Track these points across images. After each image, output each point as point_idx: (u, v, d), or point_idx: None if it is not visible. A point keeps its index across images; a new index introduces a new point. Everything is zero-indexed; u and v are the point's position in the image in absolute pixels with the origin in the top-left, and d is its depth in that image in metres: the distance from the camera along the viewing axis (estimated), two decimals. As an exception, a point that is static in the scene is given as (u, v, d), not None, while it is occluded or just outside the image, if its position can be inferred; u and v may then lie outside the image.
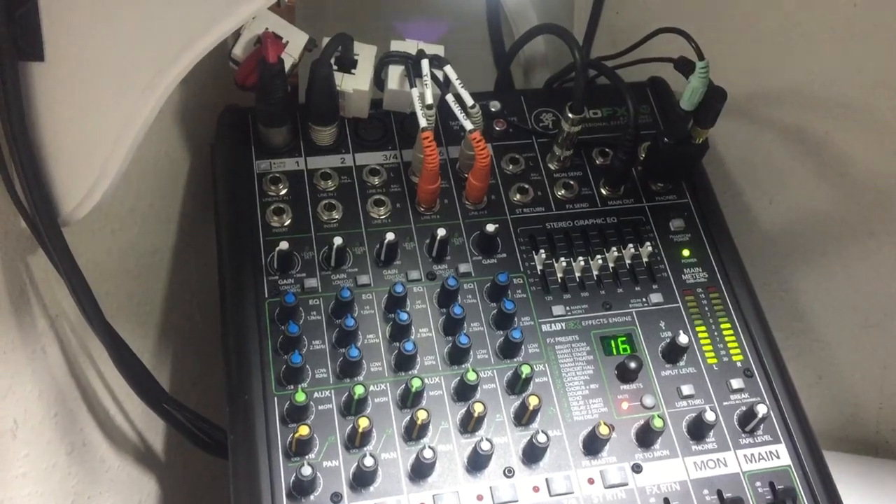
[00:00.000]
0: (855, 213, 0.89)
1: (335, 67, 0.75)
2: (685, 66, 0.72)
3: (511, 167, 0.80)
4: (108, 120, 0.58)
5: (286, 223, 0.73)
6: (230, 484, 0.64)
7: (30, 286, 0.63)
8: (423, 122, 0.72)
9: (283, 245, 0.70)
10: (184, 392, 0.83)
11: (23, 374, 0.62)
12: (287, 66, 0.74)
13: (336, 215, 0.74)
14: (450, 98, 0.74)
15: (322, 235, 0.73)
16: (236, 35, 0.74)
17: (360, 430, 0.63)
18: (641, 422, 0.67)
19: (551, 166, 0.80)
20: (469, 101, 0.74)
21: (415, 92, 0.73)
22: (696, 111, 0.73)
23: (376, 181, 0.77)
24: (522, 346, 0.70)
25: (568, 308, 0.73)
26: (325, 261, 0.72)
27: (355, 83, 0.76)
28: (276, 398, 0.66)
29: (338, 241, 0.71)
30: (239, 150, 0.77)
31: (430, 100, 0.73)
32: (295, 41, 0.75)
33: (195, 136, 0.82)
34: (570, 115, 0.76)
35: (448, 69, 0.75)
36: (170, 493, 0.83)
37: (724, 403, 0.69)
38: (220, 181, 0.77)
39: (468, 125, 0.72)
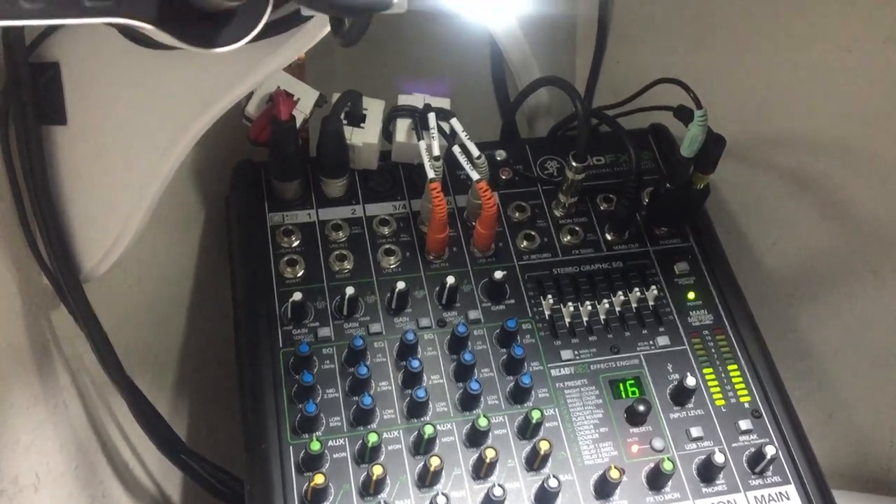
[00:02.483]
0: (858, 252, 0.90)
1: (345, 122, 0.78)
2: (684, 114, 0.74)
3: (517, 214, 0.81)
4: (127, 180, 0.61)
5: (299, 274, 0.75)
6: (247, 533, 0.65)
7: (52, 341, 0.65)
8: (430, 174, 0.74)
9: (297, 296, 0.71)
10: (200, 441, 0.84)
11: (45, 427, 0.63)
12: (298, 121, 0.77)
13: (348, 265, 0.76)
14: (456, 149, 0.76)
15: (334, 285, 0.75)
16: (249, 93, 0.77)
17: (375, 477, 0.64)
18: (652, 465, 0.68)
19: (557, 213, 0.82)
20: (475, 151, 0.76)
21: (422, 144, 0.76)
22: (696, 158, 0.74)
23: (386, 231, 0.79)
24: (532, 391, 0.71)
25: (576, 352, 0.74)
26: (337, 310, 0.74)
27: (364, 137, 0.78)
28: (291, 447, 0.67)
29: (350, 290, 0.72)
30: (252, 203, 0.79)
31: (437, 151, 0.75)
32: (306, 98, 0.78)
33: (210, 190, 0.85)
34: (573, 163, 0.78)
35: (454, 122, 0.77)
36: (187, 543, 0.84)
37: (733, 445, 0.70)
38: (235, 234, 0.79)
39: (474, 175, 0.74)
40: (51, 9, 0.37)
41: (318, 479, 0.63)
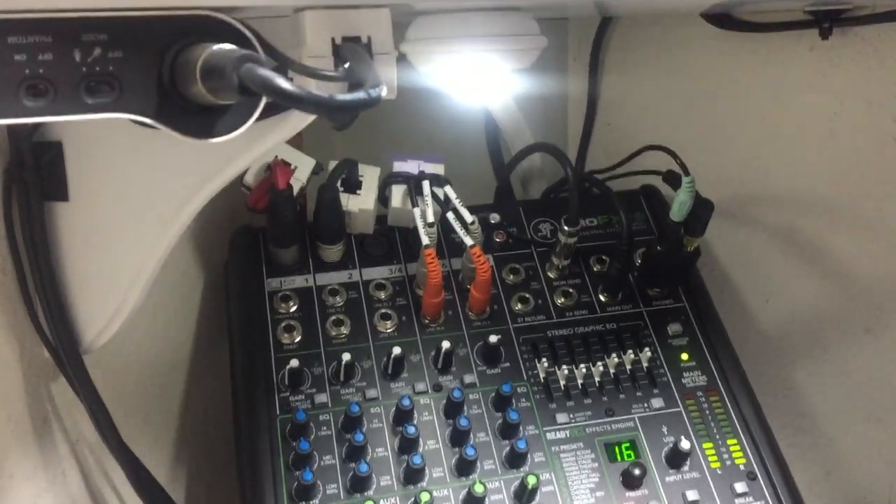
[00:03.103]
0: (850, 309, 0.91)
1: (341, 189, 0.79)
2: (673, 180, 0.76)
3: (512, 277, 0.83)
4: (127, 254, 0.62)
5: (296, 339, 0.76)
6: None
7: (52, 412, 0.66)
8: (425, 240, 0.75)
9: (294, 363, 0.72)
10: (198, 506, 0.84)
11: (44, 498, 0.64)
12: (296, 189, 0.78)
13: (344, 330, 0.77)
14: (450, 216, 0.78)
15: (331, 350, 0.76)
16: (247, 162, 0.79)
17: (371, 546, 0.64)
18: (648, 529, 0.68)
19: (550, 275, 0.83)
20: (468, 217, 0.77)
21: (417, 211, 0.77)
22: (685, 221, 0.76)
23: (382, 295, 0.80)
24: (528, 456, 0.71)
25: (571, 415, 0.75)
26: (334, 376, 0.75)
27: (361, 203, 0.80)
28: (288, 515, 0.67)
29: (346, 356, 0.73)
30: (250, 269, 0.80)
31: (431, 218, 0.77)
32: (303, 166, 0.80)
33: (209, 257, 0.86)
34: (565, 227, 0.79)
35: (448, 189, 0.79)
36: None
37: (729, 508, 0.70)
38: (233, 299, 0.80)
39: (468, 241, 0.76)
40: (54, 107, 0.38)
41: (315, 548, 0.64)
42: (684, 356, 0.79)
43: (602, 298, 0.82)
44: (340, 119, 0.43)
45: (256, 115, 0.42)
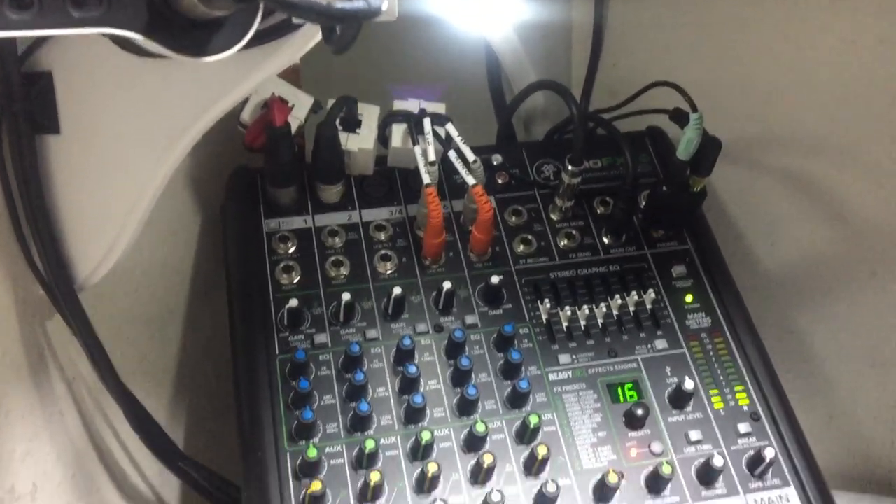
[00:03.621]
0: (856, 253, 0.90)
1: (340, 128, 0.78)
2: (680, 118, 0.74)
3: (514, 219, 0.81)
4: (122, 188, 0.60)
5: (295, 281, 0.75)
6: (245, 541, 0.65)
7: (48, 351, 0.65)
8: (426, 179, 0.74)
9: (293, 303, 0.71)
10: (198, 449, 0.84)
11: (41, 437, 0.63)
12: (293, 128, 0.77)
13: (344, 271, 0.76)
14: (452, 154, 0.76)
15: (331, 291, 0.75)
16: (244, 99, 0.77)
17: (372, 484, 0.64)
18: (650, 468, 0.68)
19: (553, 217, 0.82)
20: (470, 156, 0.76)
21: (417, 150, 0.75)
22: (692, 161, 0.74)
23: (382, 236, 0.79)
24: (530, 396, 0.71)
25: (574, 356, 0.74)
26: (333, 316, 0.74)
27: (360, 143, 0.78)
28: (288, 454, 0.67)
29: (346, 297, 0.72)
30: (248, 210, 0.79)
31: (432, 157, 0.75)
32: (301, 104, 0.78)
33: (205, 198, 0.85)
34: (569, 167, 0.78)
35: (449, 127, 0.77)
36: (186, 552, 0.84)
37: (732, 448, 0.70)
38: (231, 241, 0.79)
39: (470, 180, 0.74)
40: (39, 20, 0.37)
41: (316, 485, 0.63)
42: (688, 298, 0.78)
43: (605, 240, 0.81)
44: (339, 43, 0.41)
45: (253, 29, 0.40)
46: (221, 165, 0.82)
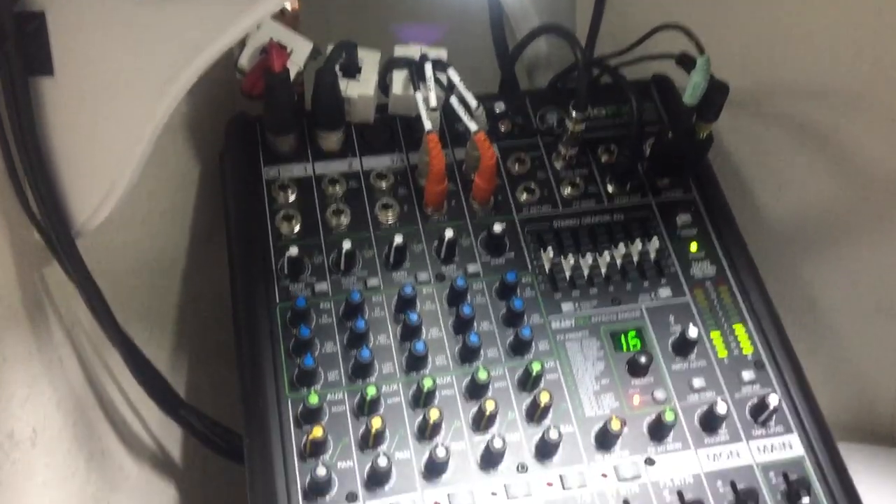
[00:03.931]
0: (863, 202, 0.89)
1: (340, 74, 0.76)
2: (687, 62, 0.73)
3: (517, 167, 0.80)
4: (117, 131, 0.59)
5: (295, 229, 0.74)
6: (247, 487, 0.65)
7: (45, 297, 0.65)
8: (427, 125, 0.72)
9: (293, 251, 0.71)
10: (199, 398, 0.83)
11: (41, 383, 0.63)
12: (292, 74, 0.75)
13: (344, 220, 0.75)
14: (454, 100, 0.75)
15: (331, 240, 0.74)
16: (241, 45, 0.75)
17: (374, 430, 0.63)
18: (653, 416, 0.67)
19: (557, 165, 0.81)
20: (473, 102, 0.74)
21: (419, 95, 0.74)
22: (698, 106, 0.73)
23: (383, 185, 0.78)
24: (532, 344, 0.70)
25: (577, 305, 0.73)
26: (334, 265, 0.73)
27: (360, 89, 0.77)
28: (289, 401, 0.66)
29: (346, 244, 0.71)
30: (247, 158, 0.78)
31: (433, 103, 0.74)
32: (299, 49, 0.76)
33: (204, 147, 0.84)
34: (574, 112, 0.77)
35: (451, 72, 0.76)
36: (189, 499, 0.84)
37: (736, 395, 0.69)
38: (230, 189, 0.78)
39: (472, 126, 0.73)
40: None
41: (317, 431, 0.63)
42: (693, 247, 0.77)
43: (610, 189, 0.80)
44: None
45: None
46: (220, 113, 0.81)
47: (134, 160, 0.60)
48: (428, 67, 0.75)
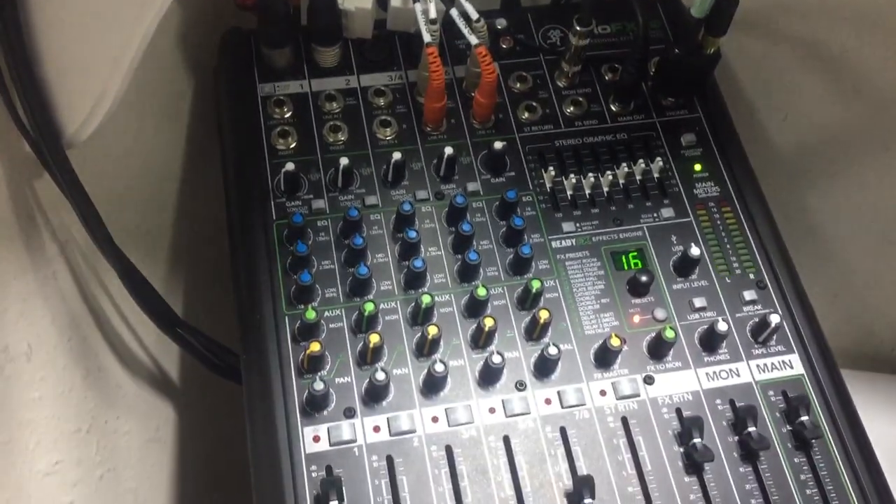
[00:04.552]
0: (871, 127, 0.88)
1: (337, -15, 0.74)
2: (696, -27, 0.70)
3: (518, 85, 0.78)
4: (106, 38, 0.57)
5: (292, 145, 0.73)
6: (245, 404, 0.65)
7: (37, 211, 0.63)
8: (427, 38, 0.70)
9: (290, 166, 0.69)
10: (196, 319, 0.83)
11: (34, 298, 0.62)
12: (288, -15, 0.73)
13: (342, 137, 0.74)
14: (454, 13, 0.72)
15: (328, 157, 0.73)
16: (235, -46, 0.73)
17: (372, 346, 0.63)
18: (653, 334, 0.67)
19: (559, 83, 0.79)
20: (474, 14, 0.72)
21: (418, 7, 0.72)
22: (707, 18, 0.71)
23: (382, 102, 0.76)
24: (532, 263, 0.69)
25: (578, 224, 0.72)
26: (331, 182, 0.72)
27: (358, 1, 0.75)
28: (286, 318, 0.66)
29: (344, 161, 0.70)
30: (242, 73, 0.76)
31: (433, 14, 0.71)
32: (295, -41, 0.74)
33: (198, 61, 0.81)
34: (577, 27, 0.74)
35: (451, -17, 0.73)
36: (187, 419, 0.84)
37: (737, 315, 0.69)
38: (224, 105, 0.76)
39: (473, 40, 0.71)
40: None
41: (315, 346, 0.62)
42: (697, 167, 0.75)
43: (613, 108, 0.78)
44: None
45: None
46: (213, 27, 0.79)
47: (123, 69, 0.58)
48: (428, -21, 0.73)
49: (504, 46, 0.80)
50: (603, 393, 0.65)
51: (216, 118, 0.77)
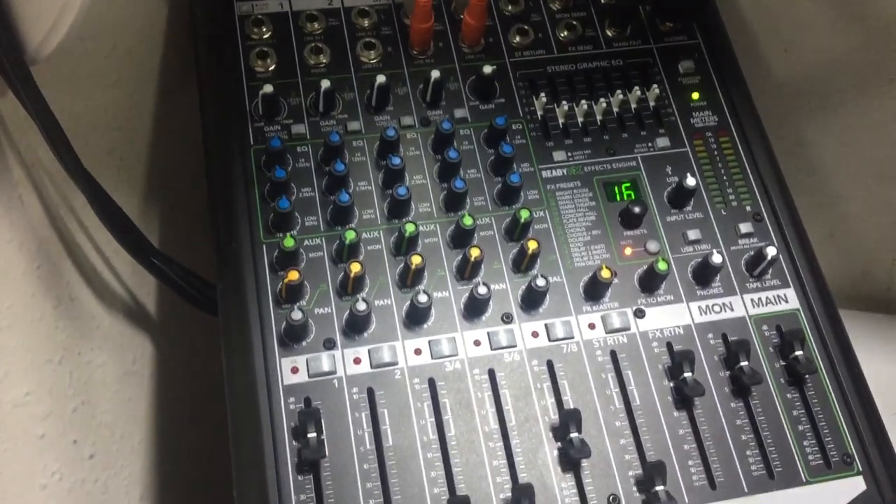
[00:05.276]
0: (874, 59, 0.84)
1: None
2: None
3: (510, 7, 0.75)
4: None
5: (271, 67, 0.69)
6: (221, 335, 0.62)
7: (1, 131, 0.60)
8: (413, -47, 0.67)
9: (268, 88, 0.66)
10: (173, 249, 0.80)
11: (1, 222, 0.59)
12: None
13: (324, 59, 0.70)
14: (442, -73, 0.69)
15: (309, 80, 0.69)
16: None
17: (352, 275, 0.61)
18: (645, 267, 0.65)
19: (553, 6, 0.75)
20: (463, -71, 0.68)
21: (404, -80, 0.68)
22: (709, -64, 0.67)
23: (366, 23, 0.72)
24: (521, 192, 0.67)
25: (569, 154, 0.69)
26: (312, 106, 0.68)
27: (341, -86, 0.71)
28: (264, 246, 0.63)
29: (325, 84, 0.67)
30: (218, -10, 0.72)
31: (420, -72, 0.68)
32: None
33: (172, -22, 0.77)
34: (572, -55, 0.71)
35: None
36: (164, 352, 0.82)
37: (732, 248, 0.67)
38: (200, 25, 0.72)
39: (462, -43, 0.67)
40: None
41: (293, 275, 0.60)
42: (695, 95, 0.72)
43: (609, 33, 0.75)
44: None
45: None
46: (188, -59, 0.74)
47: (87, -25, 0.54)
48: None
49: (495, -34, 0.76)
50: (592, 326, 0.63)
51: (191, 38, 0.73)
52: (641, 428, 0.60)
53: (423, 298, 0.60)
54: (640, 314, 0.64)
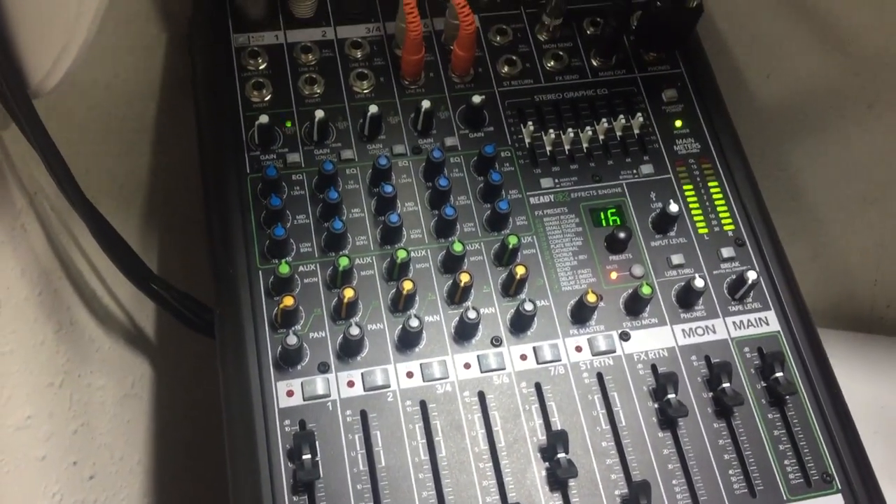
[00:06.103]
0: (854, 85, 0.87)
1: (313, -67, 0.72)
2: (679, -77, 0.69)
3: (498, 38, 0.77)
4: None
5: (266, 98, 0.71)
6: (218, 358, 0.64)
7: (5, 162, 0.62)
8: (404, -12, 0.69)
9: (263, 118, 0.68)
10: (171, 274, 0.82)
11: (3, 250, 0.61)
12: (262, -68, 0.71)
13: (318, 89, 0.72)
14: (433, -37, 0.71)
15: (304, 110, 0.71)
16: None
17: (346, 300, 0.62)
18: (630, 290, 0.66)
19: (540, 37, 0.77)
20: (453, -36, 0.70)
21: (396, -44, 0.70)
22: (689, -29, 0.69)
23: (359, 54, 0.75)
24: (510, 219, 0.69)
25: (556, 180, 0.71)
26: (307, 136, 0.70)
27: (334, -50, 0.73)
28: (260, 272, 0.65)
29: (319, 114, 0.69)
30: (216, 23, 0.74)
31: (411, -37, 0.70)
32: None
33: (171, 11, 0.80)
34: (558, -21, 0.73)
35: (430, -68, 0.72)
36: (163, 375, 0.84)
37: (714, 272, 0.69)
38: (198, 56, 0.74)
39: (452, -9, 0.70)
40: None
41: (288, 300, 0.62)
42: (678, 123, 0.75)
43: (594, 63, 0.77)
44: None
45: None
46: (187, -24, 0.77)
47: (90, 12, 0.56)
48: (406, -73, 0.71)
49: (484, -1, 0.79)
50: (579, 349, 0.65)
51: (190, 70, 0.76)
52: (627, 448, 0.62)
53: (414, 323, 0.62)
54: (625, 337, 0.65)
